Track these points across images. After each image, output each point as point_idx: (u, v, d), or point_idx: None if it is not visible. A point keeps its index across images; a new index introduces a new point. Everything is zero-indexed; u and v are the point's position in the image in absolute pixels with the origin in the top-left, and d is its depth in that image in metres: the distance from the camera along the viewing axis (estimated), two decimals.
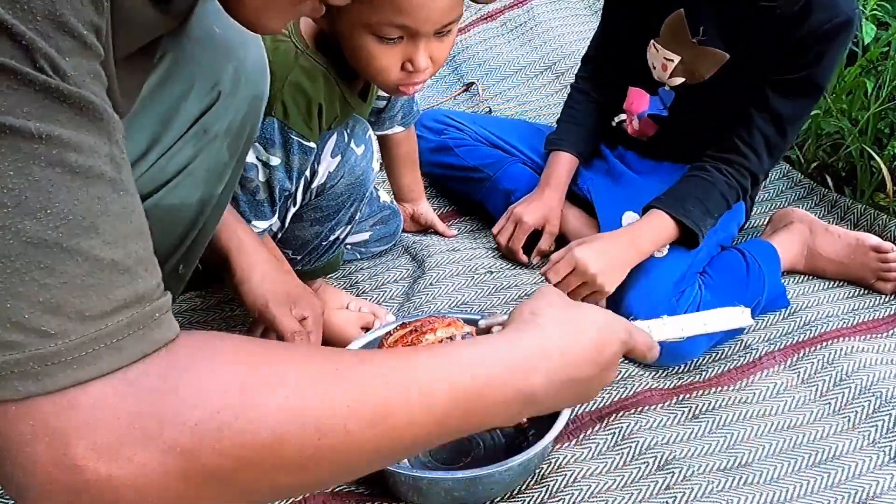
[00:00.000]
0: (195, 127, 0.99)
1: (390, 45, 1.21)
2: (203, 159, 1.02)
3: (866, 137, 1.98)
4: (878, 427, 1.33)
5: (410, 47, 1.22)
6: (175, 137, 0.97)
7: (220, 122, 1.02)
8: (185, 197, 1.02)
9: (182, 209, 1.03)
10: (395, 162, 1.74)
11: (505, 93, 2.36)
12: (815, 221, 1.71)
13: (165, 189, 0.99)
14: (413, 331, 1.14)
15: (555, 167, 1.74)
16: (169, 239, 1.05)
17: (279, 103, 1.28)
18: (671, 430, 1.33)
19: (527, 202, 1.72)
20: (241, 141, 1.08)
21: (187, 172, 1.00)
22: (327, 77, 1.31)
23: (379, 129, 1.63)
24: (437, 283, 1.64)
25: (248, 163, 1.31)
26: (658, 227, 1.49)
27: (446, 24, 1.22)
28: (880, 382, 1.39)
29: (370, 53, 1.23)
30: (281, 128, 1.29)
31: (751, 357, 1.48)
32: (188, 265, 1.11)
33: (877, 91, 2.05)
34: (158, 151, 0.97)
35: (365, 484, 1.21)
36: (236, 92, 1.04)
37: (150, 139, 0.95)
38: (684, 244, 1.51)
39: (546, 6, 2.65)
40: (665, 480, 1.24)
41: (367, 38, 1.22)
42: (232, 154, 1.07)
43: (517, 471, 1.17)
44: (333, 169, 1.38)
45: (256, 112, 1.11)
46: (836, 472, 1.25)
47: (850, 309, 1.60)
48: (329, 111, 1.33)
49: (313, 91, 1.30)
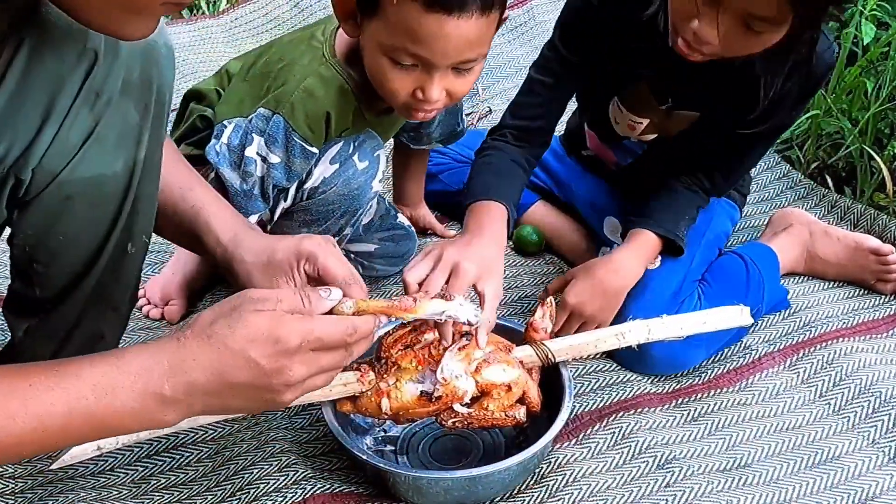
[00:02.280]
0: (83, 92, 0.95)
1: (404, 70, 1.22)
2: (108, 124, 0.98)
3: (866, 137, 1.98)
4: (878, 427, 1.33)
5: (424, 76, 1.22)
6: (66, 107, 0.95)
7: (111, 81, 0.98)
8: (104, 166, 1.00)
9: (106, 179, 1.01)
10: (406, 173, 1.73)
11: (505, 93, 2.36)
12: (814, 224, 1.71)
13: (76, 160, 0.97)
14: (412, 330, 1.14)
15: (489, 218, 1.38)
16: (102, 213, 1.04)
17: (289, 104, 1.29)
18: (671, 430, 1.33)
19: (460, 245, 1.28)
20: (149, 96, 1.03)
21: (95, 140, 0.98)
22: (343, 88, 1.32)
23: (417, 144, 1.62)
24: None
25: (249, 157, 1.32)
26: (643, 246, 1.48)
27: (465, 61, 1.21)
28: (880, 382, 1.39)
29: (384, 74, 1.23)
30: (286, 128, 1.30)
31: (750, 358, 1.48)
32: (136, 241, 1.09)
33: (877, 91, 2.05)
34: (54, 124, 0.94)
35: (365, 484, 1.21)
36: (117, 48, 0.98)
37: (41, 115, 0.93)
38: (670, 254, 1.51)
39: (546, 6, 2.66)
40: (664, 479, 1.24)
41: (383, 59, 1.22)
42: (143, 113, 1.03)
43: (516, 470, 1.17)
44: (329, 175, 1.38)
45: (155, 61, 1.03)
46: (836, 473, 1.25)
47: (849, 309, 1.60)
48: (339, 121, 1.34)
49: (324, 98, 1.30)
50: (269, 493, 1.18)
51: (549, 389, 1.22)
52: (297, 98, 1.29)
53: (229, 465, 1.24)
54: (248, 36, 2.67)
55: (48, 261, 1.06)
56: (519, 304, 1.61)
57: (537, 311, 1.24)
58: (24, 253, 1.05)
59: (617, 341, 1.22)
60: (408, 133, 1.60)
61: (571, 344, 1.23)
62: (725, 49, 1.25)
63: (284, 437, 1.28)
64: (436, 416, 1.15)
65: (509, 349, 1.19)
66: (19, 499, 1.18)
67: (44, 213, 1.01)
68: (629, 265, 1.46)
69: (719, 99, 1.45)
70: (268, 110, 1.31)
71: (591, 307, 1.43)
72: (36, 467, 1.22)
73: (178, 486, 1.22)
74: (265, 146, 1.31)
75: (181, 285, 1.55)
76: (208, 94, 1.45)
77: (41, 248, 1.05)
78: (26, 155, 0.93)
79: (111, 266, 1.09)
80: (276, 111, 1.30)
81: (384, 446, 1.28)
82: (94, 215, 1.04)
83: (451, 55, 1.19)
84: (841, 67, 2.11)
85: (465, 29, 1.16)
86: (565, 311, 1.44)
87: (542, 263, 1.72)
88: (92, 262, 1.08)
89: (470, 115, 2.24)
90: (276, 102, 1.30)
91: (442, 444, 1.29)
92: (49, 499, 1.18)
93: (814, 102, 2.08)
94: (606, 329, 1.29)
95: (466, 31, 1.16)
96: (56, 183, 0.98)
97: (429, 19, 1.14)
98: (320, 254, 1.08)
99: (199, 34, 2.64)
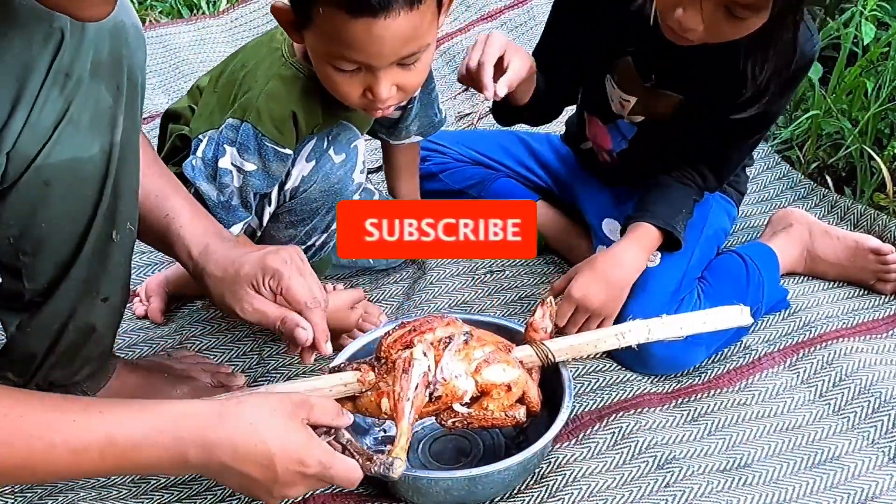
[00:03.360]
0: (51, 73, 0.94)
1: (348, 74, 1.21)
2: (81, 106, 0.98)
3: (866, 137, 1.98)
4: (878, 427, 1.33)
5: (370, 77, 1.21)
6: (36, 89, 0.94)
7: (80, 62, 0.97)
8: (79, 149, 1.00)
9: (83, 163, 1.01)
10: (395, 170, 1.73)
11: None
12: (814, 224, 1.71)
13: (50, 143, 0.97)
14: (412, 330, 1.14)
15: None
16: (82, 198, 1.04)
17: (255, 110, 1.29)
18: (671, 430, 1.33)
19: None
20: (120, 77, 1.02)
21: (68, 122, 0.97)
22: (307, 85, 1.31)
23: (396, 139, 1.61)
24: (437, 282, 1.64)
25: (223, 168, 1.32)
26: (642, 238, 1.48)
27: (406, 57, 1.20)
28: (880, 383, 1.39)
29: (331, 80, 1.24)
30: (255, 134, 1.30)
31: (750, 358, 1.48)
32: (121, 229, 1.09)
33: (877, 91, 2.05)
34: (25, 107, 0.94)
35: (365, 484, 1.21)
36: (84, 28, 0.97)
37: (11, 99, 0.93)
38: (669, 248, 1.51)
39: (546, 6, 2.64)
40: (664, 479, 1.24)
41: (327, 67, 1.22)
42: (115, 95, 1.02)
43: (516, 470, 1.17)
44: (307, 173, 1.37)
45: (125, 41, 1.02)
46: (836, 473, 1.25)
47: (849, 309, 1.59)
48: (308, 118, 1.33)
49: (288, 98, 1.30)
50: None
51: (549, 389, 1.22)
52: (261, 102, 1.29)
53: None
54: (249, 36, 2.66)
55: (34, 251, 1.06)
56: (519, 304, 1.61)
57: (537, 311, 1.24)
58: (9, 245, 1.05)
59: (617, 341, 1.22)
60: (385, 129, 1.59)
61: (571, 344, 1.23)
62: (710, 35, 1.29)
63: None
64: (436, 416, 1.15)
65: (509, 349, 1.19)
66: (19, 498, 1.18)
67: (24, 201, 1.01)
68: (630, 256, 1.47)
69: (702, 82, 1.46)
70: (236, 119, 1.31)
71: (597, 300, 1.44)
72: None
73: (177, 485, 1.22)
74: (238, 155, 1.31)
75: (161, 284, 1.55)
76: (183, 112, 1.46)
77: (25, 239, 1.05)
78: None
79: (97, 254, 1.09)
80: (243, 119, 1.30)
81: (384, 446, 1.28)
82: (75, 201, 1.04)
83: (387, 55, 1.18)
84: (841, 67, 2.12)
85: (395, 27, 1.14)
86: (571, 306, 1.44)
87: (542, 263, 1.72)
88: (77, 250, 1.08)
89: (470, 115, 2.24)
90: (243, 110, 1.30)
91: (442, 444, 1.29)
92: (49, 498, 1.18)
93: (814, 102, 2.09)
94: (606, 329, 1.29)
95: (397, 29, 1.14)
96: (33, 168, 0.98)
97: (356, 25, 1.13)
98: (285, 272, 1.11)
99: (198, 34, 2.63)
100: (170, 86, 2.41)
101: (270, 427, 0.94)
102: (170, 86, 2.41)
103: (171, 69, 2.47)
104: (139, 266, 1.65)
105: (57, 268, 1.09)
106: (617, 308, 1.46)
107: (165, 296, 1.55)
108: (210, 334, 1.51)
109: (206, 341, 1.50)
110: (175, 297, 1.57)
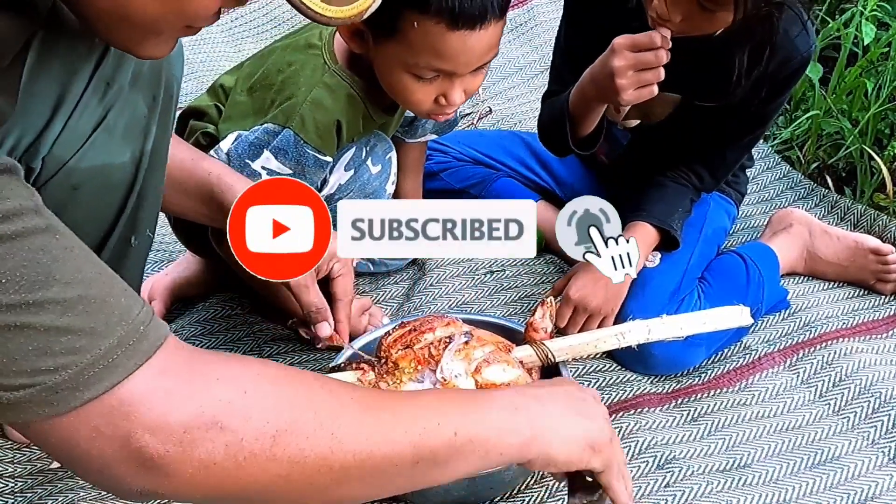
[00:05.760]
0: (93, 81, 0.96)
1: (426, 82, 1.24)
2: (117, 114, 0.99)
3: (866, 138, 1.98)
4: (878, 427, 1.33)
5: (446, 84, 1.25)
6: (77, 96, 0.95)
7: (122, 72, 0.98)
8: (111, 156, 1.00)
9: (113, 169, 1.02)
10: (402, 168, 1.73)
11: (505, 93, 2.36)
12: (814, 224, 1.71)
13: (85, 147, 0.98)
14: (412, 330, 1.14)
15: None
16: (108, 204, 1.05)
17: (298, 116, 1.30)
18: (671, 430, 1.33)
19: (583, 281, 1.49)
20: (158, 89, 1.04)
21: (103, 129, 0.98)
22: (351, 95, 1.33)
23: (412, 137, 1.62)
24: (438, 283, 1.64)
25: (254, 169, 1.32)
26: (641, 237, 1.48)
27: (485, 63, 1.25)
28: (880, 383, 1.39)
29: (406, 88, 1.26)
30: (296, 140, 1.30)
31: (750, 358, 1.48)
32: (139, 234, 1.10)
33: (877, 91, 2.05)
34: (65, 113, 0.94)
35: None
36: None
37: (53, 104, 0.93)
38: (667, 247, 1.51)
39: (546, 6, 2.65)
40: (664, 479, 1.24)
41: (404, 76, 1.25)
42: (151, 105, 1.04)
43: (516, 470, 1.17)
44: (344, 182, 1.39)
45: (167, 56, 1.04)
46: (836, 473, 1.25)
47: (849, 309, 1.59)
48: (350, 128, 1.35)
49: (334, 107, 1.31)
50: None
51: None
52: (305, 110, 1.30)
53: None
54: (249, 35, 2.67)
55: None
56: (519, 304, 1.61)
57: (537, 311, 1.24)
58: None
59: (617, 341, 1.22)
60: (402, 128, 1.60)
61: (571, 344, 1.23)
62: (688, 27, 1.31)
63: None
64: None
65: (509, 349, 1.19)
66: (19, 498, 1.18)
67: (51, 202, 1.01)
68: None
69: (698, 81, 1.47)
70: (276, 125, 1.31)
71: (595, 300, 1.44)
72: (36, 467, 1.22)
73: None
74: (274, 158, 1.31)
75: (168, 287, 1.55)
76: (207, 110, 1.45)
77: None
78: (37, 143, 0.93)
79: (114, 259, 1.09)
80: (285, 125, 1.30)
81: None
82: (100, 206, 1.05)
83: (474, 63, 1.23)
84: (841, 68, 2.12)
85: (486, 38, 1.20)
86: (570, 307, 1.45)
87: (542, 263, 1.72)
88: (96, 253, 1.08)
89: (470, 115, 2.24)
90: (286, 117, 1.31)
91: None
92: (49, 498, 1.18)
93: (814, 102, 2.09)
94: (606, 329, 1.29)
95: (487, 40, 1.20)
96: (64, 171, 0.98)
97: (453, 37, 1.17)
98: (344, 265, 1.24)
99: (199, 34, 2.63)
100: None
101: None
102: None
103: None
104: None
105: None
106: (616, 307, 1.46)
107: (170, 300, 1.55)
108: (210, 334, 1.51)
109: (205, 341, 1.49)
110: (178, 298, 1.57)
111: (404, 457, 0.82)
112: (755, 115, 1.49)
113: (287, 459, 0.76)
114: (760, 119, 1.53)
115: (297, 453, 0.76)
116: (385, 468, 0.81)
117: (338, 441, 0.78)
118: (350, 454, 0.78)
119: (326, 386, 0.83)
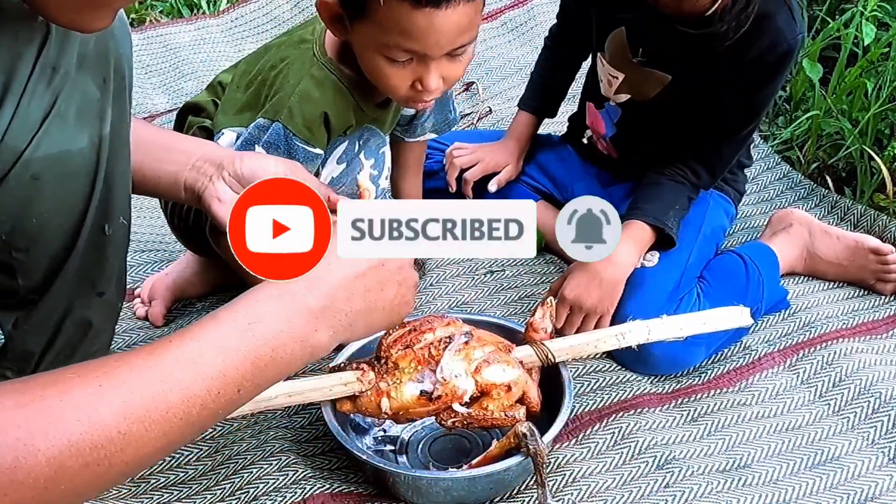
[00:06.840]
0: (38, 67, 0.95)
1: (400, 65, 1.23)
2: (67, 99, 0.98)
3: (866, 138, 1.98)
4: (878, 428, 1.33)
5: (421, 68, 1.24)
6: (23, 83, 0.94)
7: (67, 55, 0.97)
8: (68, 142, 1.00)
9: (72, 156, 1.01)
10: (401, 167, 1.73)
11: (505, 93, 2.36)
12: (814, 223, 1.71)
13: (39, 135, 0.97)
14: (412, 330, 1.14)
15: (515, 123, 1.83)
16: (73, 192, 1.04)
17: (286, 109, 1.30)
18: (671, 431, 1.33)
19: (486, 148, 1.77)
20: (107, 69, 1.03)
21: (55, 115, 0.98)
22: (339, 87, 1.32)
23: (411, 136, 1.62)
24: (438, 283, 1.65)
25: None
26: (633, 235, 1.49)
27: (458, 48, 1.23)
28: (880, 383, 1.39)
29: (381, 72, 1.25)
30: (286, 134, 1.30)
31: (750, 358, 1.48)
32: (113, 222, 1.10)
33: (877, 91, 2.05)
34: (12, 101, 0.94)
35: (365, 484, 1.21)
36: None
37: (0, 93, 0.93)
38: (663, 245, 1.51)
39: (546, 6, 2.65)
40: (664, 479, 1.24)
41: (378, 58, 1.24)
42: (102, 87, 1.03)
43: (516, 470, 1.17)
44: (337, 175, 1.38)
45: (110, 33, 1.03)
46: (836, 473, 1.25)
47: (849, 310, 1.59)
48: (339, 120, 1.34)
49: (321, 99, 1.31)
50: (268, 492, 1.18)
51: (549, 389, 1.22)
52: (293, 103, 1.30)
53: (228, 464, 1.24)
54: (249, 35, 2.67)
55: (27, 247, 1.06)
56: (519, 304, 1.61)
57: (537, 311, 1.24)
58: (1, 242, 1.05)
59: (617, 341, 1.22)
60: (401, 126, 1.60)
61: (571, 344, 1.23)
62: (675, 3, 1.38)
63: (284, 437, 1.28)
64: (436, 416, 1.15)
65: (509, 349, 1.19)
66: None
67: (14, 196, 1.01)
68: (622, 253, 1.47)
69: (689, 63, 1.48)
70: (266, 119, 1.32)
71: (590, 299, 1.44)
72: None
73: (176, 485, 1.22)
74: (265, 153, 1.31)
75: (169, 286, 1.55)
76: (206, 106, 1.46)
77: (18, 235, 1.04)
78: None
79: (91, 249, 1.09)
80: (274, 119, 1.31)
81: (384, 446, 1.28)
82: (65, 194, 1.04)
83: (444, 45, 1.21)
84: (841, 68, 2.12)
85: (454, 18, 1.18)
86: (565, 307, 1.45)
87: (542, 263, 1.72)
88: (70, 244, 1.08)
89: (470, 115, 2.24)
90: (274, 111, 1.31)
91: (442, 444, 1.29)
92: None
93: (814, 103, 2.09)
94: (606, 329, 1.29)
95: (456, 20, 1.18)
96: (21, 163, 0.97)
97: (418, 15, 1.16)
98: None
99: (199, 34, 2.64)
100: (170, 86, 2.41)
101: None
102: (170, 86, 2.41)
103: (171, 69, 2.47)
104: (138, 265, 1.65)
105: (51, 263, 1.08)
106: (612, 305, 1.46)
107: (170, 300, 1.55)
108: None
109: None
110: (178, 298, 1.57)
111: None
112: (747, 105, 1.50)
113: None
114: (752, 109, 1.53)
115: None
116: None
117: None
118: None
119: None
